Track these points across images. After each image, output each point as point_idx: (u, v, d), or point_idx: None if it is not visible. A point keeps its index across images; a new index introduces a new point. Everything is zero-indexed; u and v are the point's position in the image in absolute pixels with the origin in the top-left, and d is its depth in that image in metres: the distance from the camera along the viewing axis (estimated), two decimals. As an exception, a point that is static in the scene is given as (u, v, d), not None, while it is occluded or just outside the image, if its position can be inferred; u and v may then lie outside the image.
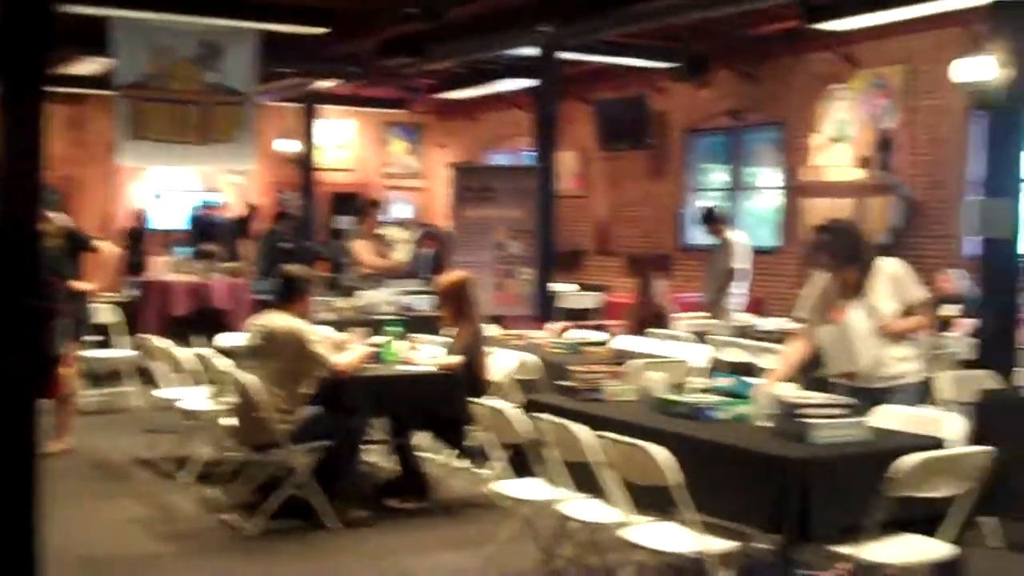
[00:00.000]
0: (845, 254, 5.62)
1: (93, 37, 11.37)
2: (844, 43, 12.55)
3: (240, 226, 15.42)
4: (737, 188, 15.02)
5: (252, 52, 11.71)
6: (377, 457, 7.26)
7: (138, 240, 15.65)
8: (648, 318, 9.35)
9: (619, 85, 15.78)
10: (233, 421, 6.43)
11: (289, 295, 6.42)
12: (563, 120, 14.87)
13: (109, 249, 8.29)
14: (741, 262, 10.23)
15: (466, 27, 11.86)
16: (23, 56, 4.38)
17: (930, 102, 11.98)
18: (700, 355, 7.64)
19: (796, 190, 13.41)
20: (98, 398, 9.48)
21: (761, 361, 7.54)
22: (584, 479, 4.81)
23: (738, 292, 10.34)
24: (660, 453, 4.31)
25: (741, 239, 10.51)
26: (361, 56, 13.79)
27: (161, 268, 11.82)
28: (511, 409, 5.27)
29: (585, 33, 11.66)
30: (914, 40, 11.99)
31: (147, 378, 9.01)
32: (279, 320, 6.29)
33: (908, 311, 5.58)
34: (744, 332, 8.94)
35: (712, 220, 10.73)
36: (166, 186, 18.03)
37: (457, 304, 6.98)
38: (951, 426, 4.86)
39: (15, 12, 4.36)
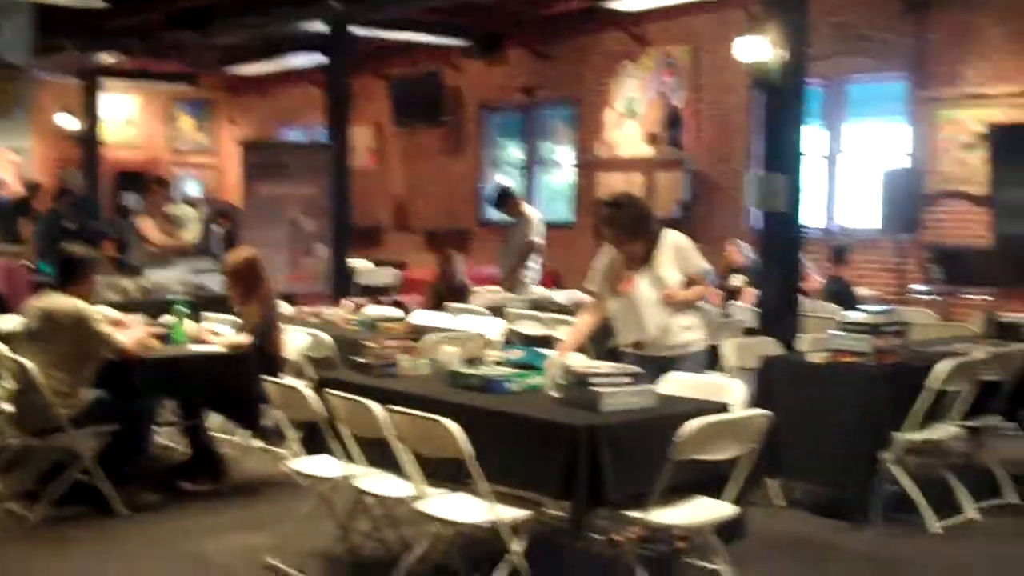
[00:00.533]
0: (630, 227, 5.73)
1: None
2: (634, 23, 12.84)
3: (20, 206, 14.70)
4: (533, 164, 15.21)
5: (27, 24, 11.15)
6: (169, 440, 7.06)
7: None
8: (446, 293, 9.36)
9: (414, 61, 15.75)
10: (10, 407, 6.14)
11: (71, 276, 6.15)
12: (358, 96, 14.75)
13: None
14: (536, 236, 10.36)
15: (254, 1, 11.63)
16: None
17: (715, 80, 12.38)
18: (495, 328, 7.71)
19: (590, 166, 13.67)
20: None
21: (557, 333, 7.64)
22: (380, 454, 4.79)
23: (534, 266, 10.46)
24: (451, 425, 4.32)
25: (535, 214, 10.63)
26: (145, 29, 13.35)
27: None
28: (303, 387, 5.20)
29: (375, 8, 11.58)
30: (700, 20, 12.38)
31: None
32: (60, 301, 6.03)
33: (691, 281, 5.75)
34: (540, 305, 9.05)
35: (505, 198, 10.81)
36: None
37: (245, 283, 6.85)
38: (735, 391, 5.03)
39: None
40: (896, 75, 11.09)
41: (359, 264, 12.98)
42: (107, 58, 14.80)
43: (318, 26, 12.33)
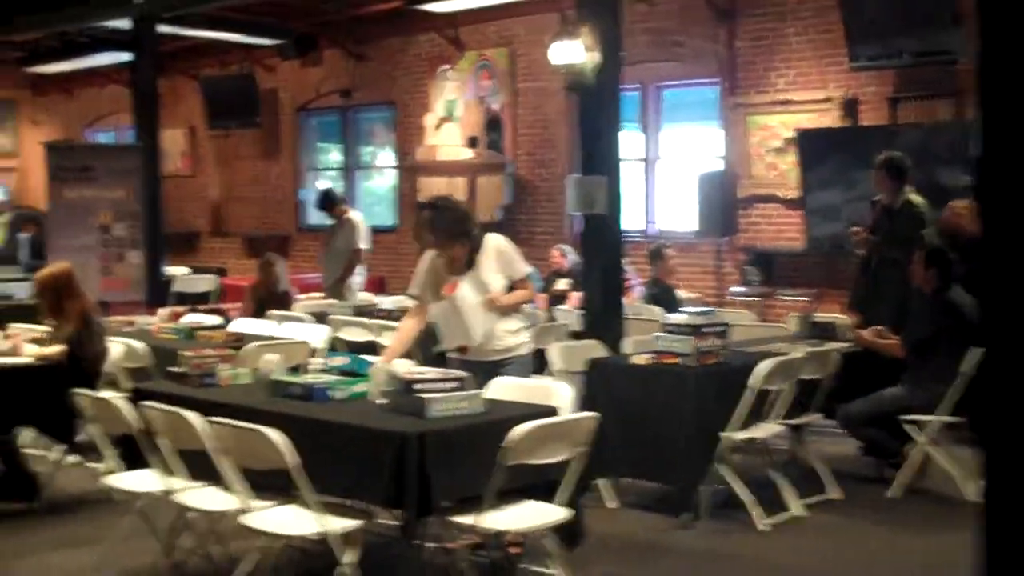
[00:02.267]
0: (449, 230, 5.68)
1: None
2: (449, 25, 12.84)
3: None
4: (352, 168, 15.06)
5: None
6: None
7: None
8: (268, 300, 9.16)
9: (226, 61, 15.41)
10: None
11: None
12: (169, 97, 14.35)
13: None
14: (362, 242, 10.24)
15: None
16: None
17: (532, 84, 12.48)
18: (319, 336, 7.58)
19: (410, 169, 13.61)
20: None
21: (382, 339, 7.56)
22: (202, 467, 4.65)
23: (359, 272, 10.33)
24: (274, 435, 4.22)
25: (360, 218, 10.51)
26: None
27: None
28: (117, 399, 5.00)
29: (180, 5, 11.27)
30: (515, 23, 12.46)
31: None
32: None
33: (514, 285, 5.74)
34: (364, 311, 8.94)
35: (329, 201, 10.66)
36: None
37: (56, 297, 6.57)
38: (562, 395, 5.05)
39: None
40: (708, 81, 11.38)
41: (175, 271, 12.63)
42: None
43: (124, 23, 11.94)
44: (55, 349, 6.34)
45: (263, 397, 4.98)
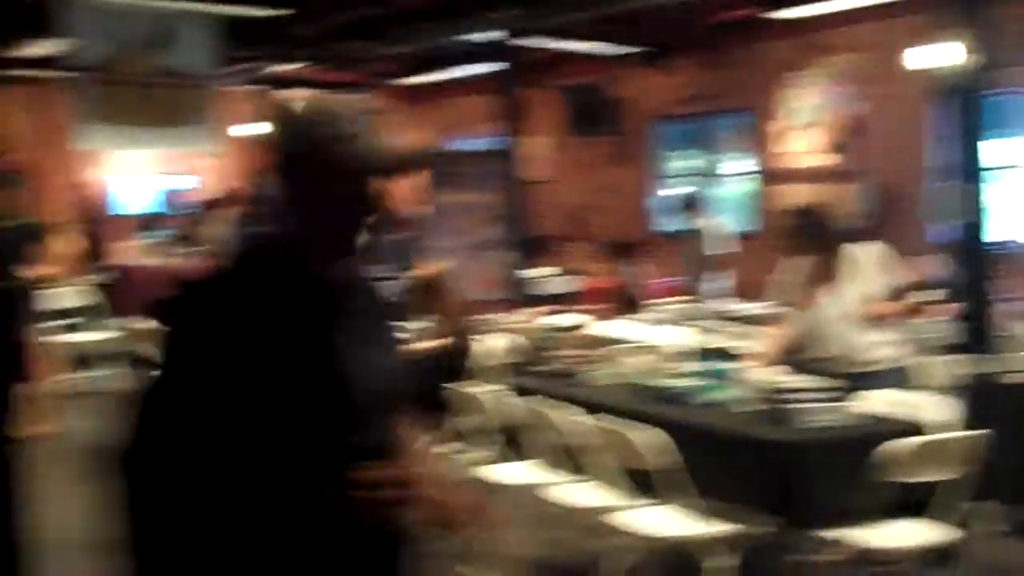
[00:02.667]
0: (816, 240, 5.60)
1: (51, 18, 11.19)
2: (808, 30, 12.59)
3: (210, 210, 15.24)
4: (706, 175, 15.04)
5: (209, 35, 11.58)
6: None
7: (99, 224, 15.42)
8: (624, 303, 9.31)
9: (586, 71, 15.75)
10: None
11: None
12: (532, 106, 14.83)
13: (66, 241, 8.16)
14: (720, 247, 10.23)
15: (424, 12, 11.78)
16: None
17: (896, 88, 12.04)
18: (680, 340, 7.62)
19: (767, 176, 13.45)
20: (78, 381, 9.33)
21: (740, 345, 7.51)
22: (566, 464, 4.80)
23: (717, 277, 10.32)
24: (656, 437, 4.29)
25: (719, 224, 10.50)
26: (321, 40, 13.65)
27: (130, 253, 11.73)
28: (495, 394, 5.25)
29: (545, 18, 11.62)
30: (875, 27, 12.06)
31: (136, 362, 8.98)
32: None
33: (886, 296, 5.58)
34: (725, 316, 8.92)
35: (691, 206, 10.71)
36: (130, 169, 17.79)
37: (432, 295, 6.94)
38: (935, 410, 4.87)
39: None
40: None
41: (535, 272, 13.02)
42: (285, 68, 15.17)
43: (489, 36, 12.44)
44: (432, 343, 6.70)
45: (630, 399, 5.09)
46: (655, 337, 7.56)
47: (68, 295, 9.37)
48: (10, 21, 12.82)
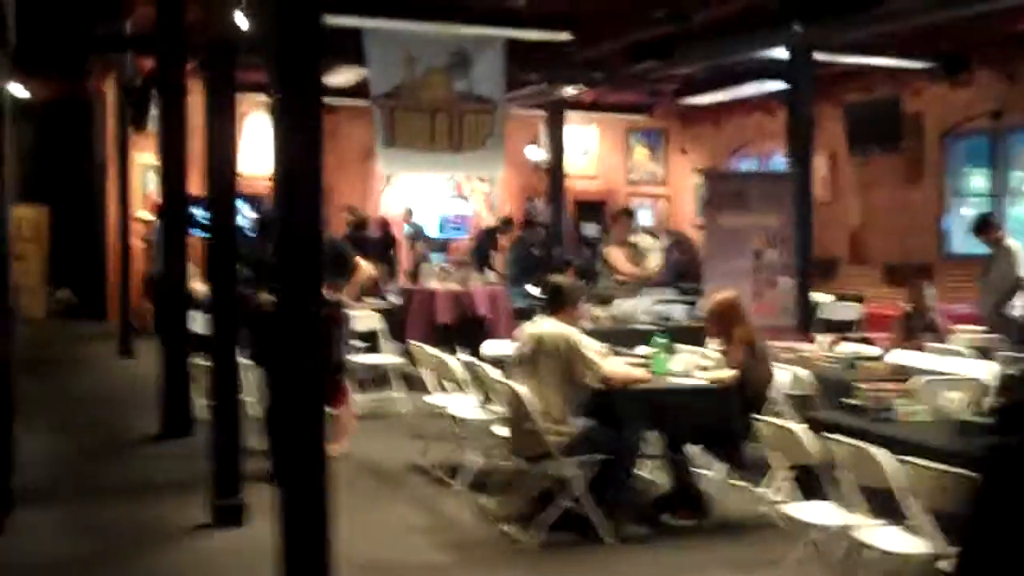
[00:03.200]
0: None
1: (347, 48, 11.69)
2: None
3: (492, 237, 15.60)
4: (1000, 193, 14.25)
5: (500, 60, 11.83)
6: (650, 471, 7.11)
7: (389, 247, 16.00)
8: (918, 331, 8.88)
9: (869, 86, 15.25)
10: (504, 431, 6.46)
11: (560, 303, 6.42)
12: (817, 123, 14.44)
13: (366, 266, 8.48)
14: (1021, 269, 9.65)
15: (714, 29, 11.64)
16: (300, 66, 4.53)
17: None
18: (985, 371, 7.20)
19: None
20: (366, 403, 9.68)
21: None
22: (875, 504, 4.59)
23: (1019, 302, 9.73)
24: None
25: (1018, 246, 9.90)
26: (605, 61, 13.73)
27: (426, 276, 12.16)
28: (799, 428, 5.07)
29: (837, 33, 11.26)
30: None
31: (413, 384, 9.24)
32: (549, 326, 6.29)
33: None
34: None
35: (986, 227, 10.16)
36: (416, 194, 18.38)
37: (725, 323, 6.83)
38: None
39: (289, 24, 4.51)
40: None
41: (820, 297, 12.64)
42: (570, 90, 15.34)
43: (776, 53, 12.16)
44: (726, 373, 6.58)
45: (951, 437, 4.81)
46: (961, 368, 7.16)
47: (361, 319, 9.71)
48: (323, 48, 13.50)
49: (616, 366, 6.42)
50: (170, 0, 9.24)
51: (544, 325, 6.32)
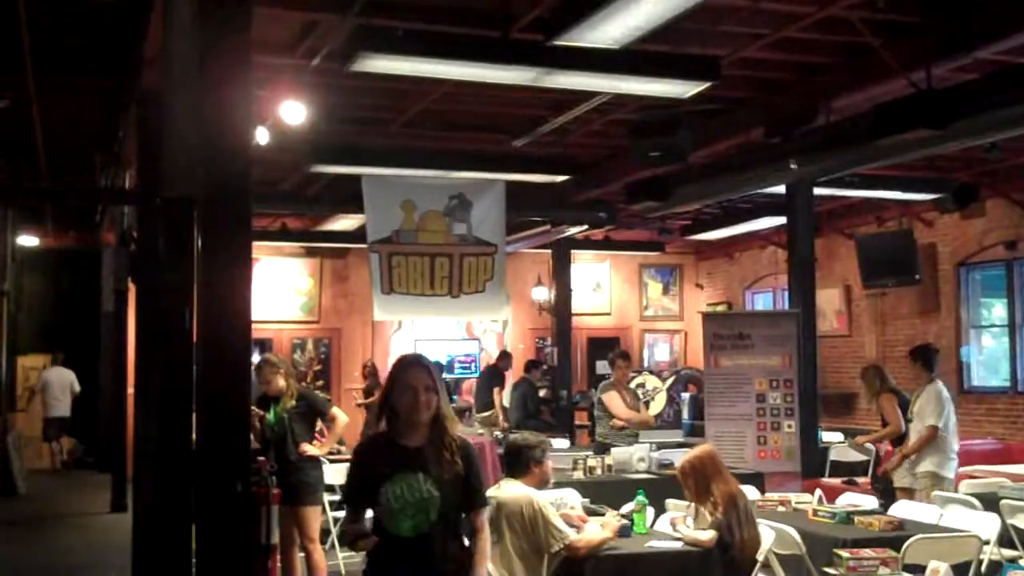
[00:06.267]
0: None
1: (350, 193, 11.67)
2: None
3: (493, 375, 15.34)
4: (1019, 323, 13.89)
5: (499, 202, 11.74)
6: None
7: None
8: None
9: (882, 218, 15.04)
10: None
11: (520, 465, 6.02)
12: (824, 256, 14.22)
13: (341, 417, 8.21)
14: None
15: (712, 167, 11.52)
16: (227, 206, 4.36)
17: None
18: (988, 526, 6.76)
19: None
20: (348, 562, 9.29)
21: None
22: None
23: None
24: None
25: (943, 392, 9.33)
26: (608, 201, 13.64)
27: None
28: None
29: (835, 169, 11.08)
30: None
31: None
32: (510, 490, 5.92)
33: None
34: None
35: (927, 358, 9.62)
36: (425, 334, 18.19)
37: (702, 480, 6.46)
38: None
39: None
40: None
41: (831, 437, 12.21)
42: (574, 230, 15.24)
43: (779, 188, 11.99)
44: (705, 535, 6.21)
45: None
46: (961, 521, 6.74)
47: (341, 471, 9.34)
48: (317, 197, 13.54)
49: (586, 535, 6.02)
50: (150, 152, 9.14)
51: (506, 489, 5.95)
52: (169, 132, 6.35)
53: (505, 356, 15.60)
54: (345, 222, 14.45)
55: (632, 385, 11.23)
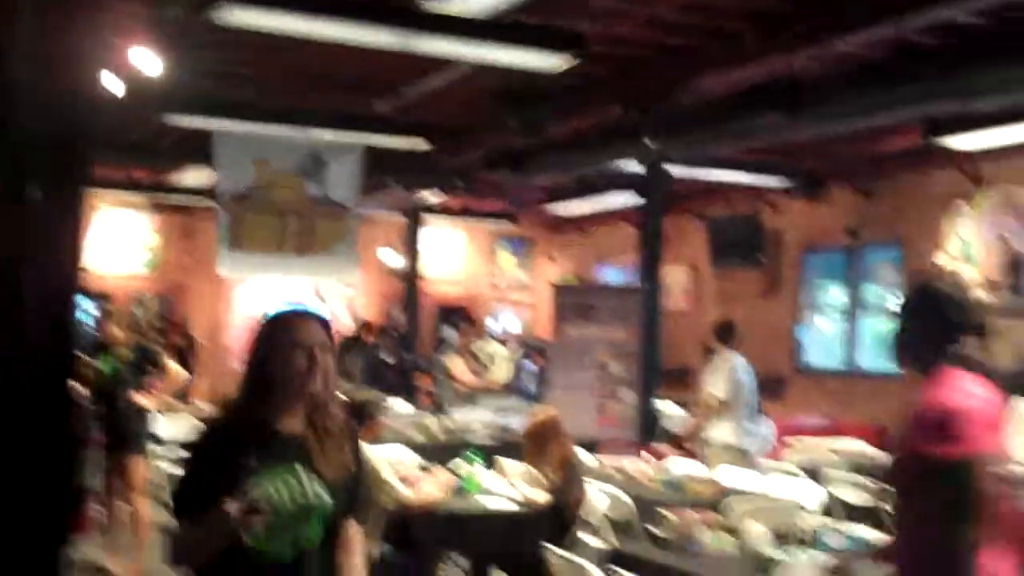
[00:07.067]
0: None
1: (202, 148, 11.41)
2: (968, 161, 11.96)
3: (348, 344, 15.21)
4: (856, 308, 14.37)
5: (355, 165, 11.62)
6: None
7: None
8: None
9: (732, 202, 15.35)
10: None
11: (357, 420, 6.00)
12: (674, 235, 14.46)
13: (176, 371, 8.11)
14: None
15: (570, 142, 11.61)
16: (64, 154, 4.21)
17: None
18: (811, 496, 6.99)
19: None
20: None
21: (887, 506, 6.81)
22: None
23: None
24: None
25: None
26: (465, 169, 13.63)
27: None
28: (589, 567, 4.76)
29: (690, 149, 11.29)
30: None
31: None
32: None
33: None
34: (864, 468, 8.19)
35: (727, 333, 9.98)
36: (273, 295, 17.91)
37: (540, 443, 6.54)
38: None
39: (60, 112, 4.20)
40: None
41: (666, 407, 12.47)
42: (431, 197, 15.20)
43: (635, 166, 12.16)
44: (540, 495, 6.28)
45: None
46: (784, 490, 6.96)
47: (175, 425, 9.15)
48: (167, 150, 13.20)
49: (421, 491, 6.03)
50: None
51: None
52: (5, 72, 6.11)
53: (365, 325, 15.46)
54: (196, 177, 14.13)
55: (477, 352, 11.26)
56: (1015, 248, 11.76)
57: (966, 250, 12.28)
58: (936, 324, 3.28)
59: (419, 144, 11.76)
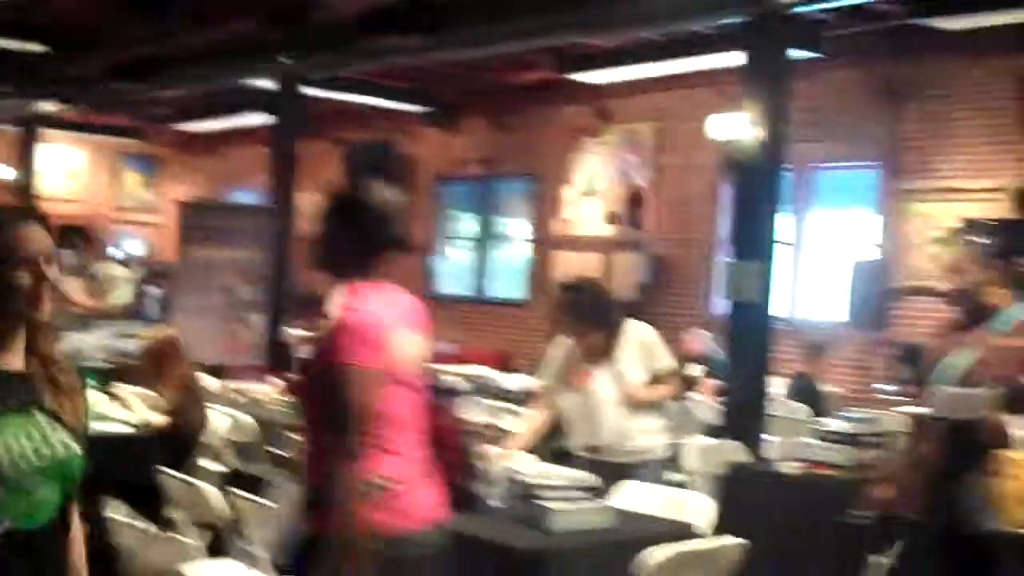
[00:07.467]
0: (590, 316, 5.14)
1: None
2: (597, 96, 12.39)
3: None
4: (487, 238, 14.67)
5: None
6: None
7: None
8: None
9: (370, 126, 15.22)
10: None
11: None
12: (310, 160, 14.17)
13: None
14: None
15: (202, 54, 11.08)
16: None
17: (681, 160, 11.91)
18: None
19: (546, 243, 13.15)
20: None
21: (503, 423, 6.99)
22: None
23: None
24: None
25: None
26: (87, 78, 12.74)
27: None
28: (207, 487, 4.54)
29: (325, 69, 11.06)
30: (667, 97, 11.91)
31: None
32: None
33: (656, 379, 5.16)
34: (484, 389, 8.40)
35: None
36: None
37: (158, 364, 6.20)
38: (700, 508, 4.43)
39: None
40: (868, 164, 10.66)
41: (298, 334, 12.27)
42: (48, 107, 14.14)
43: (269, 84, 11.78)
44: (158, 418, 5.96)
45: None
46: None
47: None
48: None
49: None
50: None
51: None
52: None
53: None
54: None
55: (96, 274, 10.62)
56: (635, 182, 12.32)
57: (591, 184, 12.76)
58: (357, 234, 3.24)
59: (36, 48, 10.89)
